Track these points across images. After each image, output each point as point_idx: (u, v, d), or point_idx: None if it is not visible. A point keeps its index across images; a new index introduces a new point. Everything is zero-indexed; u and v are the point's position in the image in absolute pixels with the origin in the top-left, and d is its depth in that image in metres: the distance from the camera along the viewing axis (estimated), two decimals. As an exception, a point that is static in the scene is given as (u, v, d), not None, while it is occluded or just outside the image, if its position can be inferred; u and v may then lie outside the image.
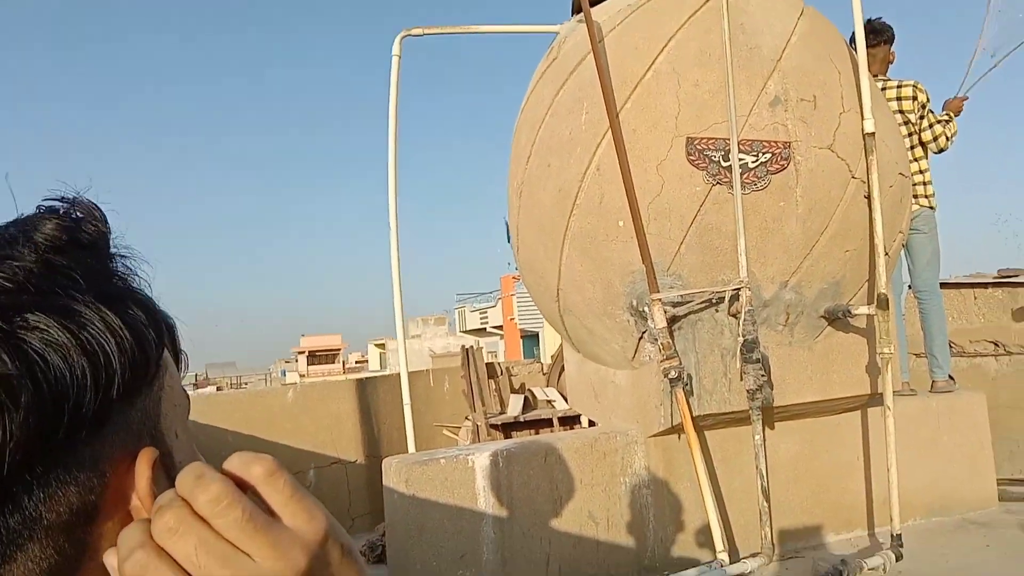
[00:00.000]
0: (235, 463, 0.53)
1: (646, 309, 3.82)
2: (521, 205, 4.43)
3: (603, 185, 3.91)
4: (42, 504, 0.52)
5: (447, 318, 44.78)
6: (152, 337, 0.58)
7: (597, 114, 3.97)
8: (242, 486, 0.52)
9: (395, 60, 4.53)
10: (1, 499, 0.50)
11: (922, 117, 5.37)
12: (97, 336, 0.54)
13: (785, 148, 3.85)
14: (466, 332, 40.62)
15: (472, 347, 7.74)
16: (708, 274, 3.81)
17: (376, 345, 49.44)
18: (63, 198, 0.61)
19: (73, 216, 0.59)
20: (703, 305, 3.82)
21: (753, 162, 3.81)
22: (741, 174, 3.76)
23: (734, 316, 3.78)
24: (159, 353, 0.59)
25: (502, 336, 36.79)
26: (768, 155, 3.82)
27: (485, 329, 38.99)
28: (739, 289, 3.71)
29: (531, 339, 33.32)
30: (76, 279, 0.55)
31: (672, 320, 3.78)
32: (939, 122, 5.36)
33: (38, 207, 0.60)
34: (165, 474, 0.60)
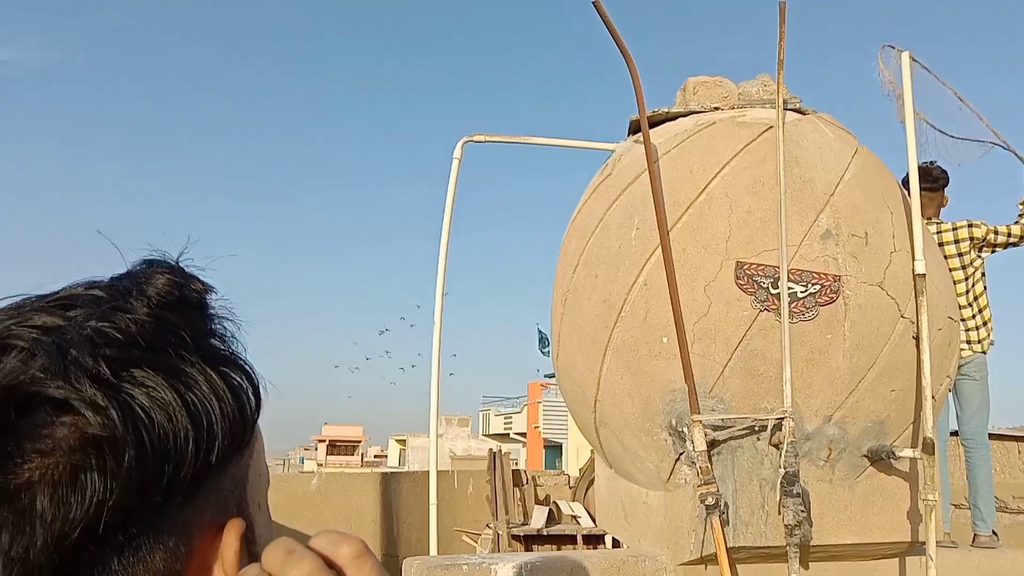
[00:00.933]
0: (323, 542, 0.52)
1: (685, 430, 3.76)
2: (565, 312, 4.45)
3: (649, 300, 3.92)
4: (130, 567, 0.51)
5: (470, 419, 44.43)
6: (251, 403, 0.58)
7: (647, 231, 4.02)
8: (329, 565, 0.51)
9: (455, 163, 4.66)
10: (92, 559, 0.49)
11: (996, 232, 5.35)
12: (202, 398, 0.53)
13: (835, 281, 3.85)
14: (489, 436, 40.18)
15: (499, 452, 7.64)
16: (751, 400, 3.76)
17: (397, 440, 48.99)
18: (166, 255, 0.62)
19: (181, 272, 0.60)
20: (744, 432, 3.75)
21: (802, 292, 3.81)
22: (789, 303, 3.75)
23: (775, 446, 3.71)
24: (255, 420, 0.59)
25: (524, 443, 36.30)
26: (817, 287, 3.82)
27: (508, 435, 38.53)
28: (782, 419, 3.65)
29: (554, 449, 32.83)
30: (184, 338, 0.55)
31: (711, 444, 3.71)
32: (1017, 221, 5.36)
33: (145, 261, 0.60)
34: (246, 547, 0.58)
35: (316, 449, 57.92)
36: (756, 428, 3.76)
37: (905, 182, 4.27)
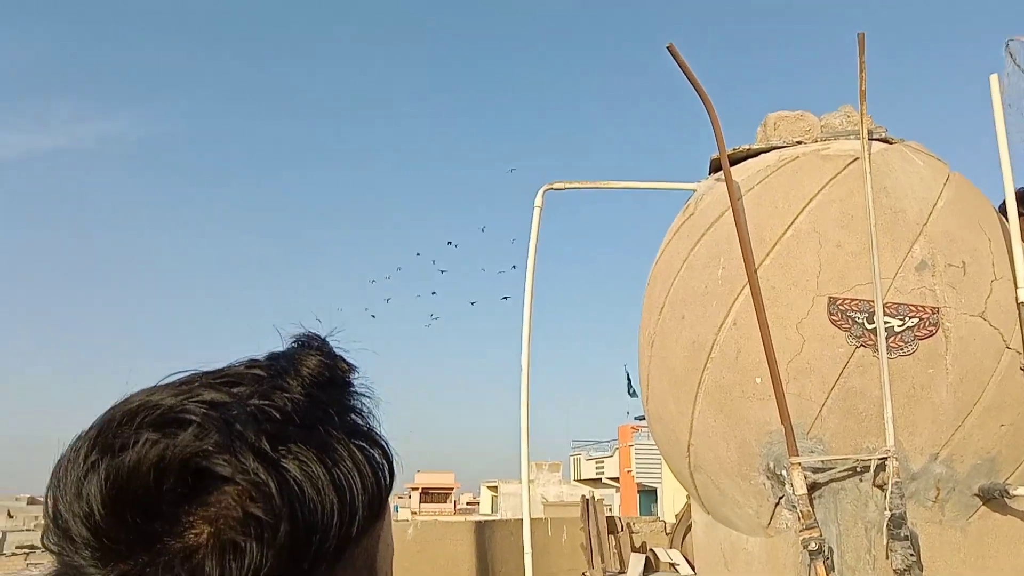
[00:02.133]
0: None
1: (784, 473, 3.66)
2: (652, 355, 4.41)
3: (739, 340, 3.86)
4: None
5: (561, 465, 44.04)
6: (385, 477, 0.61)
7: (734, 269, 3.98)
8: None
9: (536, 211, 4.72)
10: None
11: None
12: (347, 473, 0.57)
13: (933, 314, 3.73)
14: (580, 481, 39.72)
15: (593, 498, 7.55)
16: (851, 440, 3.65)
17: (489, 487, 48.89)
18: (313, 334, 0.67)
19: (331, 353, 0.65)
20: (846, 473, 3.63)
21: (899, 326, 3.69)
22: (887, 338, 3.64)
23: (880, 487, 3.57)
24: (388, 493, 0.63)
25: (618, 488, 35.75)
26: (915, 320, 3.70)
27: (600, 479, 38.02)
28: (885, 459, 3.52)
29: (648, 494, 32.20)
30: (331, 414, 0.60)
31: (812, 487, 3.60)
32: None
33: (298, 341, 0.66)
34: None
35: (410, 497, 58.30)
36: (858, 469, 3.63)
37: (1003, 208, 4.12)
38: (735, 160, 4.50)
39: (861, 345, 3.68)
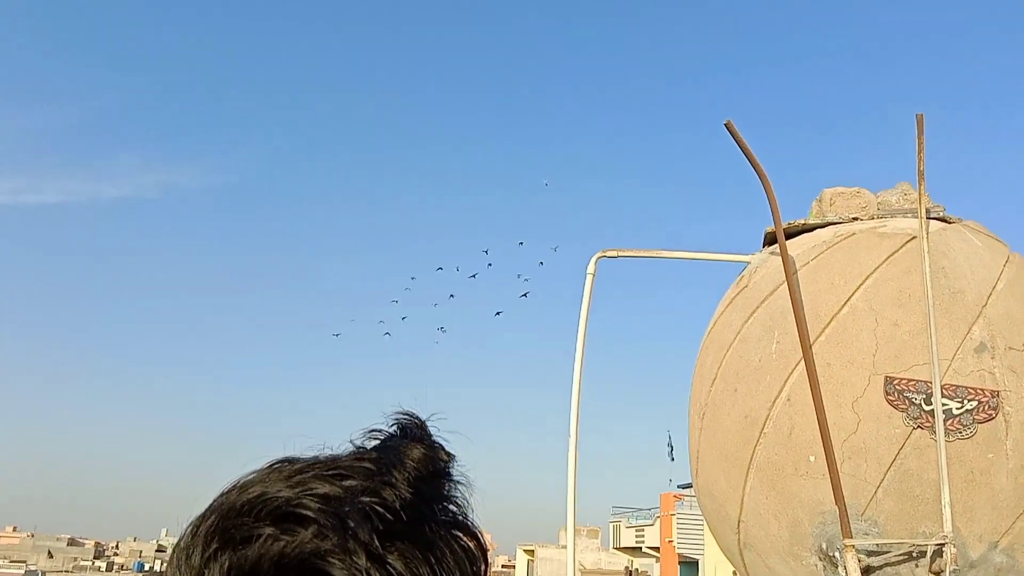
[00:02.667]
0: None
1: (837, 555, 3.59)
2: (703, 427, 4.38)
3: (793, 416, 3.83)
4: None
5: (600, 531, 43.17)
6: (479, 568, 0.64)
7: (788, 344, 3.96)
8: None
9: (589, 279, 4.76)
10: None
11: None
12: (450, 571, 0.60)
13: (993, 397, 3.66)
14: (619, 549, 38.83)
15: (632, 568, 7.41)
16: (907, 524, 3.57)
17: (525, 550, 48.06)
18: (410, 416, 0.70)
19: (433, 444, 0.68)
20: (901, 558, 3.55)
21: (958, 409, 3.63)
22: (945, 420, 3.59)
23: (936, 574, 3.48)
24: None
25: (658, 558, 34.87)
26: (974, 403, 3.64)
27: (640, 548, 37.12)
28: (943, 545, 3.44)
29: (690, 566, 31.36)
30: (434, 509, 0.63)
31: (866, 570, 3.52)
32: None
33: (399, 424, 0.69)
34: None
35: (444, 558, 57.26)
36: (914, 554, 3.55)
37: None
38: (790, 234, 4.51)
39: (918, 427, 3.62)
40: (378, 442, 0.68)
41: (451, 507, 0.66)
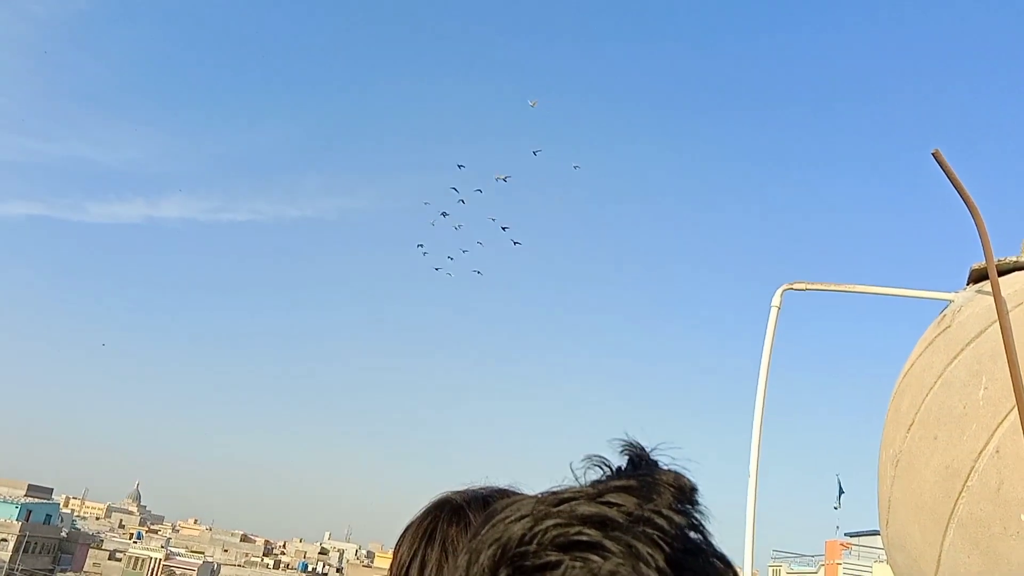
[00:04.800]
0: None
1: (1055, 628, 3.25)
2: (896, 476, 4.10)
3: (1002, 471, 3.51)
4: None
5: (757, 574, 41.37)
6: None
7: (998, 391, 3.65)
8: None
9: (774, 311, 4.59)
10: None
11: None
12: None
13: None
14: (779, 595, 37.06)
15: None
16: None
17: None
18: (637, 445, 0.68)
19: (677, 473, 0.65)
20: None
21: None
22: None
23: None
24: None
25: (820, 608, 33.03)
26: None
27: (802, 596, 35.30)
28: None
29: (856, 619, 29.51)
30: (704, 537, 0.61)
31: (1091, 649, 3.17)
32: None
33: (628, 453, 0.67)
34: None
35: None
36: None
37: None
38: (1002, 271, 4.17)
39: None
40: (620, 469, 0.66)
41: (705, 536, 0.64)
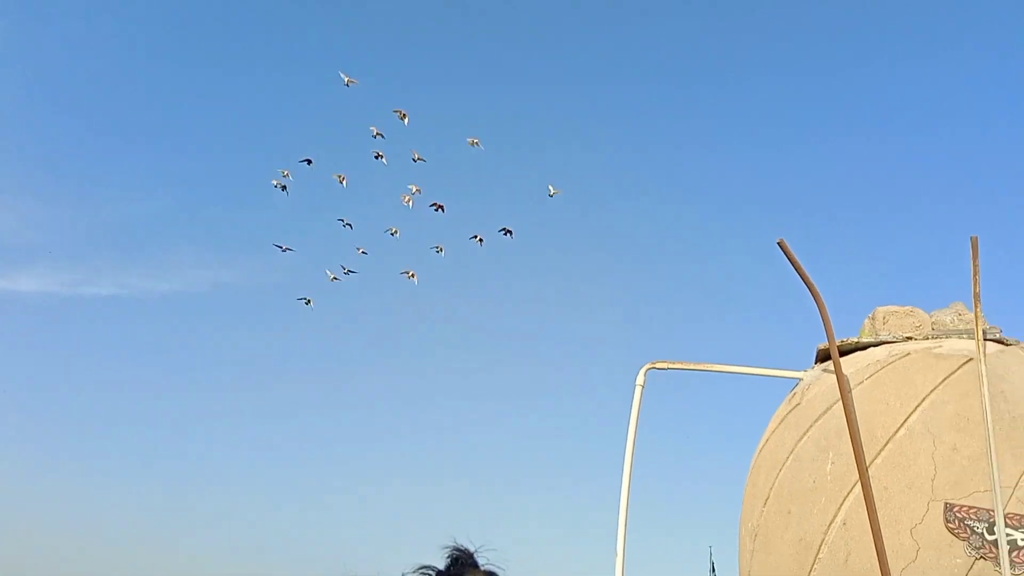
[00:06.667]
0: None
1: None
2: (755, 549, 4.27)
3: (850, 542, 3.73)
4: None
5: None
6: None
7: (844, 466, 3.89)
8: None
9: (638, 390, 4.73)
10: None
11: None
12: None
13: (1060, 529, 3.54)
14: (656, 668, 37.12)
15: None
16: (973, 662, 3.40)
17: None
18: (461, 548, 0.74)
19: (491, 571, 0.72)
20: None
21: (1022, 540, 3.51)
22: (1009, 551, 3.46)
23: None
24: None
25: None
26: (1041, 534, 3.52)
27: (678, 669, 35.42)
28: None
29: None
30: None
31: None
32: None
33: (450, 556, 0.72)
34: None
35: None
36: None
37: None
38: (843, 352, 4.47)
39: (981, 557, 3.50)
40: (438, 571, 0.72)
41: None
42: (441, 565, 0.73)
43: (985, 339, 4.12)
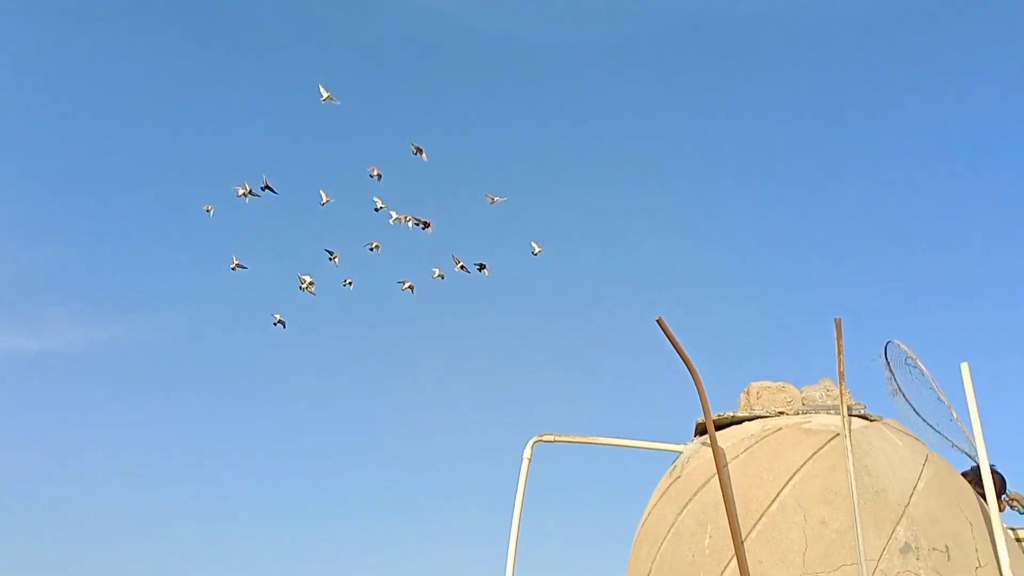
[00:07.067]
0: None
1: None
2: (637, 624, 4.30)
3: (727, 617, 3.80)
4: None
5: None
6: None
7: (721, 540, 3.99)
8: None
9: (525, 463, 4.76)
10: None
11: None
12: None
13: (920, 599, 3.71)
14: None
15: None
16: None
17: None
18: None
19: None
20: None
21: (886, 611, 3.66)
22: (874, 623, 3.60)
23: None
24: None
25: None
26: (902, 605, 3.68)
27: None
28: None
29: None
30: None
31: None
32: None
33: None
34: None
35: None
36: None
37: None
38: (720, 425, 4.62)
39: (849, 629, 3.63)
40: None
41: None
42: None
43: (850, 415, 4.35)
